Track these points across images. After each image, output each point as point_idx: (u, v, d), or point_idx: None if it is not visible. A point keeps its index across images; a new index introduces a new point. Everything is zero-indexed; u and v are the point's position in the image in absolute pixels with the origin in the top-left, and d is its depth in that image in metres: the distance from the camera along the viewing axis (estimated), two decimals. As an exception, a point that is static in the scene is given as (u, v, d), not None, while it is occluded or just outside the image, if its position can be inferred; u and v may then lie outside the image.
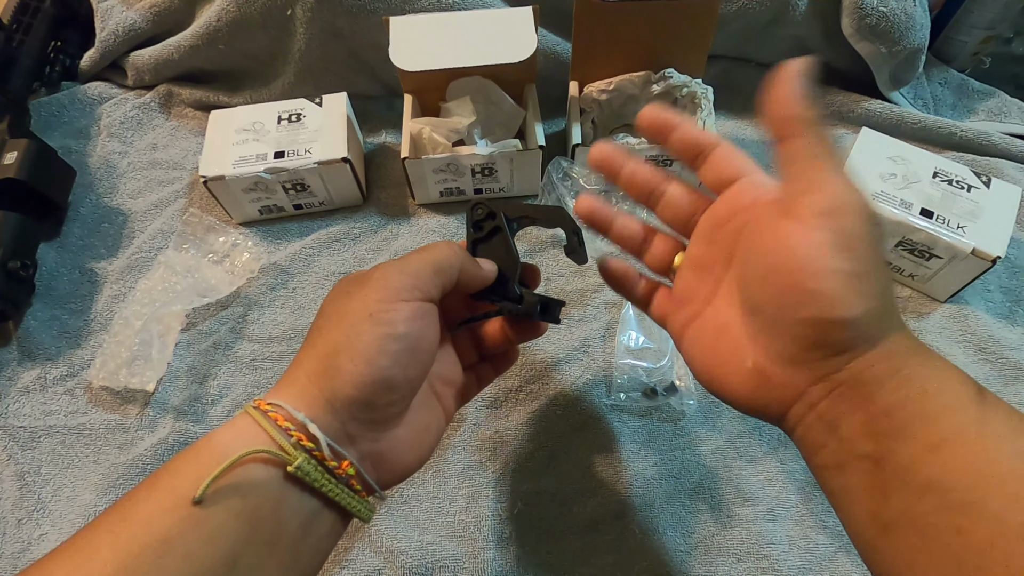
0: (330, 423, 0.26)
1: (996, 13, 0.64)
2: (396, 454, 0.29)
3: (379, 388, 0.27)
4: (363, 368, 0.26)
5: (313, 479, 0.25)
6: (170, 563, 0.22)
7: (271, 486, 0.25)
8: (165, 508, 0.23)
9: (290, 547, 0.25)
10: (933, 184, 0.51)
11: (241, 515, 0.24)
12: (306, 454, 0.25)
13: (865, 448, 0.24)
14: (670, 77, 0.57)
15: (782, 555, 0.43)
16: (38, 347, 0.52)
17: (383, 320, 0.27)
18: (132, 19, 0.67)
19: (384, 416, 0.28)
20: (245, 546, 0.24)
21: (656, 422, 0.48)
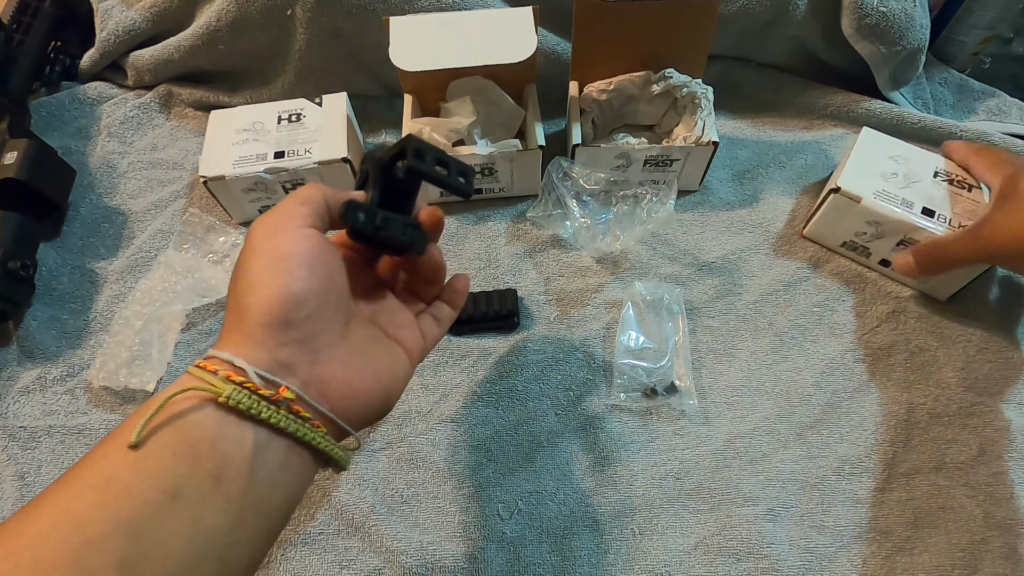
0: (257, 356, 0.27)
1: (996, 13, 0.64)
2: (344, 377, 0.30)
3: (287, 305, 0.28)
4: (264, 292, 0.28)
5: (247, 406, 0.26)
6: (110, 499, 0.23)
7: (207, 420, 0.26)
8: (107, 452, 0.24)
9: (236, 480, 0.26)
10: (934, 183, 0.51)
11: (179, 451, 0.25)
12: (236, 386, 0.26)
13: None
14: (670, 77, 0.57)
15: (782, 555, 0.43)
16: (38, 347, 0.52)
17: (266, 250, 0.29)
18: (132, 19, 0.67)
19: (308, 334, 0.28)
20: (187, 479, 0.24)
21: (656, 422, 0.48)
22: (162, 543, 0.23)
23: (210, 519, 0.25)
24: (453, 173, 0.33)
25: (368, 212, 0.32)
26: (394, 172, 0.33)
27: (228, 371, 0.26)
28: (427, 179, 0.32)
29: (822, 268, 0.55)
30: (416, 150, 0.31)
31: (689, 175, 0.58)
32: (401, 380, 0.33)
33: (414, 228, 0.34)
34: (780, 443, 0.47)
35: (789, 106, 0.67)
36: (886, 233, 0.51)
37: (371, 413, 0.31)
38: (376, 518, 0.44)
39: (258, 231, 0.29)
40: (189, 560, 0.24)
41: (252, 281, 0.28)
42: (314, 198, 0.31)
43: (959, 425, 0.47)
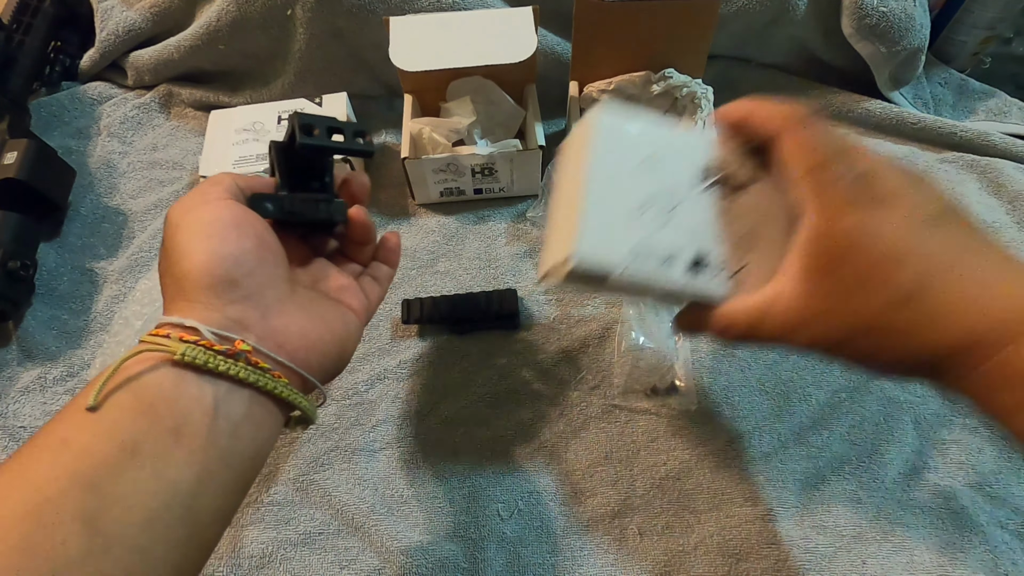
0: (209, 316, 0.27)
1: (996, 13, 0.64)
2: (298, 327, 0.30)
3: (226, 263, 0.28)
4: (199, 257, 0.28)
5: (203, 362, 0.26)
6: (67, 458, 0.23)
7: (163, 381, 0.26)
8: (64, 417, 0.25)
9: (198, 432, 0.26)
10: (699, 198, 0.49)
11: (136, 409, 0.25)
12: (190, 344, 0.26)
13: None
14: (670, 77, 0.57)
15: (782, 555, 0.43)
16: (38, 347, 0.52)
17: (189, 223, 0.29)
18: (132, 19, 0.67)
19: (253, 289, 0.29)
20: (145, 435, 0.25)
21: (656, 422, 0.48)
22: (123, 495, 0.24)
23: (172, 472, 0.25)
24: (349, 137, 0.33)
25: (275, 200, 0.33)
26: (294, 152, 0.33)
27: (180, 332, 0.27)
28: (324, 152, 0.33)
29: (822, 268, 0.55)
30: (304, 126, 0.32)
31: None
32: (353, 335, 0.34)
33: (328, 202, 0.34)
34: (780, 443, 0.47)
35: (789, 106, 0.67)
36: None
37: (329, 363, 0.32)
38: (376, 518, 0.44)
39: (176, 211, 0.30)
40: (153, 510, 0.24)
41: (184, 251, 0.28)
42: (223, 181, 0.32)
43: (959, 425, 0.47)
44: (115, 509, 0.23)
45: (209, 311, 0.28)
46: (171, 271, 0.29)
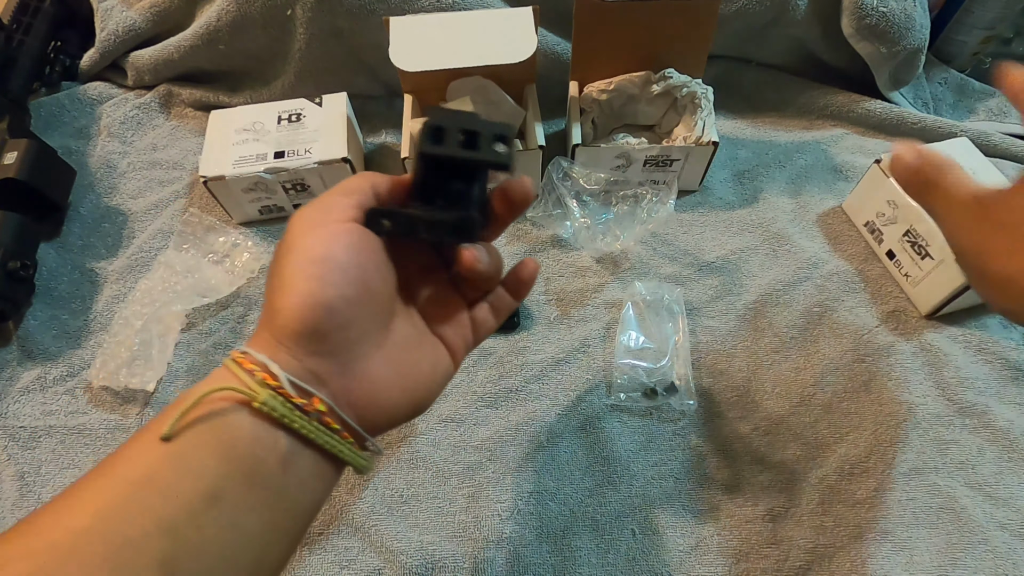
0: (289, 363, 0.26)
1: (996, 13, 0.64)
2: (375, 389, 0.29)
3: (318, 313, 0.26)
4: (294, 299, 0.26)
5: (281, 414, 0.25)
6: (151, 498, 0.23)
7: (243, 423, 0.25)
8: (146, 448, 0.24)
9: (271, 483, 0.25)
10: None
11: (217, 451, 0.24)
12: (271, 391, 0.25)
13: None
14: (670, 77, 0.57)
15: (782, 555, 0.43)
16: (38, 347, 0.52)
17: (300, 249, 0.27)
18: (132, 19, 0.67)
19: (340, 345, 0.27)
20: (225, 481, 0.24)
21: (656, 422, 0.48)
22: (200, 543, 0.23)
23: (246, 522, 0.25)
24: (485, 146, 0.28)
25: (396, 217, 0.29)
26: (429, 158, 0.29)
27: (264, 373, 0.26)
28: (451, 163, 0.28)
29: (822, 268, 0.55)
30: (432, 130, 0.28)
31: (689, 175, 0.58)
32: (438, 384, 0.32)
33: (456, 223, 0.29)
34: (780, 443, 0.47)
35: (789, 106, 0.67)
36: (899, 219, 0.51)
37: (398, 421, 0.30)
38: (376, 518, 0.44)
39: (295, 226, 0.28)
40: (226, 560, 0.24)
41: (284, 283, 0.27)
42: (360, 188, 0.29)
43: (959, 425, 0.47)
44: (191, 556, 0.23)
45: (291, 358, 0.26)
46: (270, 297, 0.27)
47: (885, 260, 0.55)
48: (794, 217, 0.59)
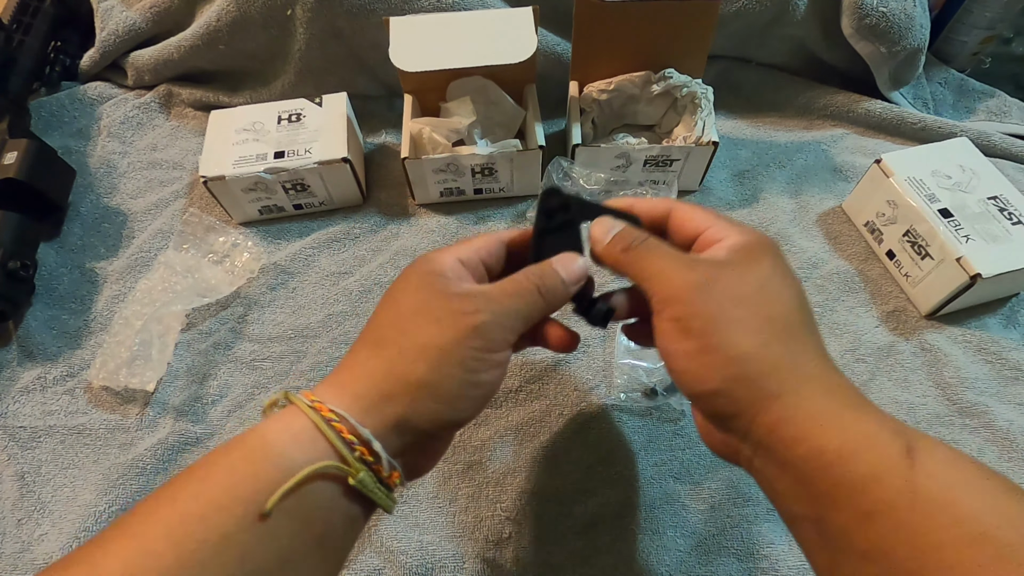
0: (393, 443, 0.27)
1: (996, 13, 0.64)
2: (431, 461, 0.31)
3: (453, 426, 0.29)
4: (445, 411, 0.28)
5: (370, 491, 0.26)
6: (228, 561, 0.23)
7: (329, 494, 0.26)
8: (223, 506, 0.23)
9: (337, 543, 0.26)
10: (981, 202, 0.50)
11: (296, 516, 0.25)
12: (367, 468, 0.26)
13: (802, 510, 0.25)
14: (670, 77, 0.57)
15: (782, 555, 0.43)
16: (38, 347, 0.52)
17: (473, 369, 0.28)
18: (132, 19, 0.67)
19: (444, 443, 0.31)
20: (298, 545, 0.25)
21: (656, 422, 0.48)
22: None
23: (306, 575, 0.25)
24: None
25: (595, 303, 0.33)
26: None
27: (363, 448, 0.26)
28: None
29: (822, 268, 0.55)
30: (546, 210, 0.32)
31: (689, 175, 0.58)
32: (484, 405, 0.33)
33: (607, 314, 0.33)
34: (780, 443, 0.47)
35: (789, 106, 0.67)
36: (899, 219, 0.51)
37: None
38: (376, 518, 0.44)
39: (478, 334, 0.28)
40: None
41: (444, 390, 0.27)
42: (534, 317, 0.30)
43: (959, 425, 0.47)
44: None
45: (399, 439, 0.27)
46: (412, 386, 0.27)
47: (885, 260, 0.55)
48: (794, 217, 0.59)
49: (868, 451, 0.23)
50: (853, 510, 0.23)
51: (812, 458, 0.24)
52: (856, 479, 0.23)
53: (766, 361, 0.26)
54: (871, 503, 0.23)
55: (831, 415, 0.24)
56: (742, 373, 0.25)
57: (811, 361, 0.26)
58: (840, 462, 0.23)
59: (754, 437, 0.26)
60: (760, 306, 0.27)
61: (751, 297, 0.27)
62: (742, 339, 0.26)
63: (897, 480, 0.22)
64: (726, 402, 0.26)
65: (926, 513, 0.22)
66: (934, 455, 0.23)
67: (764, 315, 0.27)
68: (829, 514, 0.23)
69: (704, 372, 0.26)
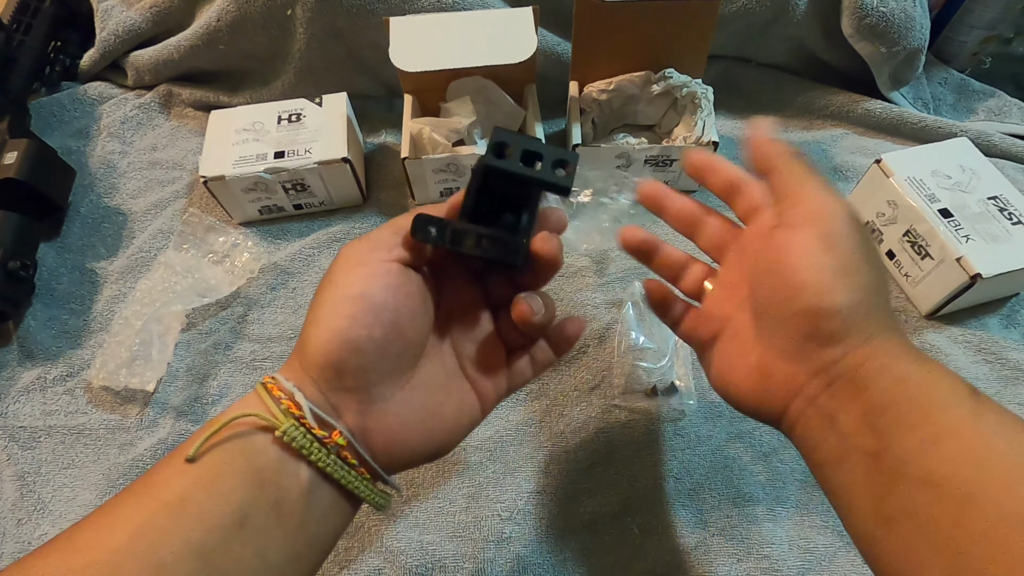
0: (314, 394, 0.27)
1: (996, 13, 0.64)
2: (394, 429, 0.29)
3: (344, 351, 0.27)
4: (324, 333, 0.27)
5: (300, 445, 0.26)
6: (184, 520, 0.23)
7: (268, 451, 0.26)
8: (177, 469, 0.25)
9: (294, 513, 0.26)
10: (981, 202, 0.50)
11: (245, 476, 0.25)
12: (294, 420, 0.26)
13: (863, 442, 0.25)
14: (670, 77, 0.57)
15: (782, 555, 0.43)
16: (38, 347, 0.52)
17: (339, 284, 0.28)
18: (132, 19, 0.67)
19: (362, 383, 0.27)
20: (252, 507, 0.25)
21: (656, 422, 0.48)
22: (228, 570, 0.24)
23: (271, 551, 0.25)
24: (546, 166, 0.28)
25: (442, 227, 0.28)
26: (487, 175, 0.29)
27: (289, 402, 0.26)
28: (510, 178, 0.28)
29: (822, 268, 0.55)
30: (496, 145, 0.28)
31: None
32: (463, 429, 0.31)
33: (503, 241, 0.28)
34: (780, 443, 0.47)
35: (789, 106, 0.67)
36: (899, 219, 0.51)
37: (417, 461, 0.30)
38: (376, 518, 0.44)
39: (341, 259, 0.29)
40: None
41: (318, 316, 0.27)
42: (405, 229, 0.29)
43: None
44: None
45: (314, 387, 0.27)
46: (304, 326, 0.28)
47: (885, 260, 0.55)
48: (794, 217, 0.58)
49: (942, 385, 0.25)
50: (919, 435, 0.24)
51: (895, 385, 0.25)
52: (929, 404, 0.24)
53: (880, 303, 0.27)
54: (937, 426, 0.24)
55: (915, 355, 0.26)
56: (866, 301, 0.27)
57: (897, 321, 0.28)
58: (918, 390, 0.25)
59: (840, 367, 0.27)
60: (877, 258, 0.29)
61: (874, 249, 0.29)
62: (872, 272, 0.27)
63: (964, 407, 0.24)
64: (841, 323, 0.26)
65: (987, 439, 0.23)
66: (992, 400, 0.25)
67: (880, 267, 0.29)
68: (894, 440, 0.24)
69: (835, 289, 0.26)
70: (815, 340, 0.27)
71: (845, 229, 0.28)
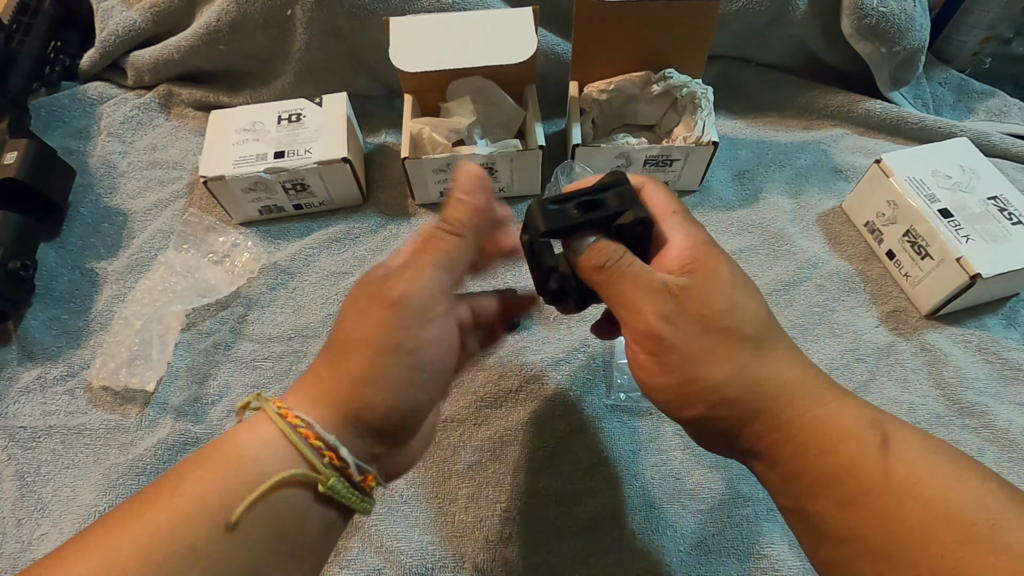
0: (358, 446, 0.27)
1: (996, 13, 0.64)
2: (408, 460, 0.31)
3: (407, 417, 0.27)
4: (392, 402, 0.26)
5: (343, 496, 0.26)
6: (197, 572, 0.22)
7: (300, 501, 0.25)
8: (191, 517, 0.23)
9: (311, 553, 0.26)
10: (981, 202, 0.50)
11: (269, 526, 0.24)
12: (337, 474, 0.25)
13: (787, 503, 0.27)
14: (670, 77, 0.57)
15: (782, 555, 0.43)
16: (38, 347, 0.52)
17: (408, 350, 0.26)
18: (132, 19, 0.67)
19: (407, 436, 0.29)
20: (270, 556, 0.24)
21: (656, 422, 0.48)
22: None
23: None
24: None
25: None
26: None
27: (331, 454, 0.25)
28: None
29: (822, 268, 0.55)
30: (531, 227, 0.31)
31: (689, 175, 0.58)
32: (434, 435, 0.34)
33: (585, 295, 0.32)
34: (780, 443, 0.47)
35: (789, 106, 0.67)
36: (899, 219, 0.51)
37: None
38: (376, 518, 0.44)
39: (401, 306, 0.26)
40: None
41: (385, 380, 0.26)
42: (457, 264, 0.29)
43: (959, 425, 0.47)
44: None
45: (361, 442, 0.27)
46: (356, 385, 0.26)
47: (885, 260, 0.55)
48: (794, 217, 0.59)
49: (847, 444, 0.25)
50: (832, 499, 0.25)
51: (797, 455, 0.26)
52: (835, 471, 0.25)
53: (745, 382, 0.26)
54: (848, 492, 0.24)
55: (811, 416, 0.26)
56: (724, 398, 0.26)
57: (786, 367, 0.27)
58: (822, 456, 0.25)
59: (742, 446, 0.27)
60: (730, 328, 0.27)
61: (721, 319, 0.27)
62: (720, 367, 0.26)
63: (872, 470, 0.24)
64: (712, 424, 0.27)
65: (898, 499, 0.23)
66: (908, 443, 0.25)
67: (737, 336, 0.27)
68: (810, 505, 0.25)
69: (686, 402, 0.27)
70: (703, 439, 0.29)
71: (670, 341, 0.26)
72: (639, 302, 0.28)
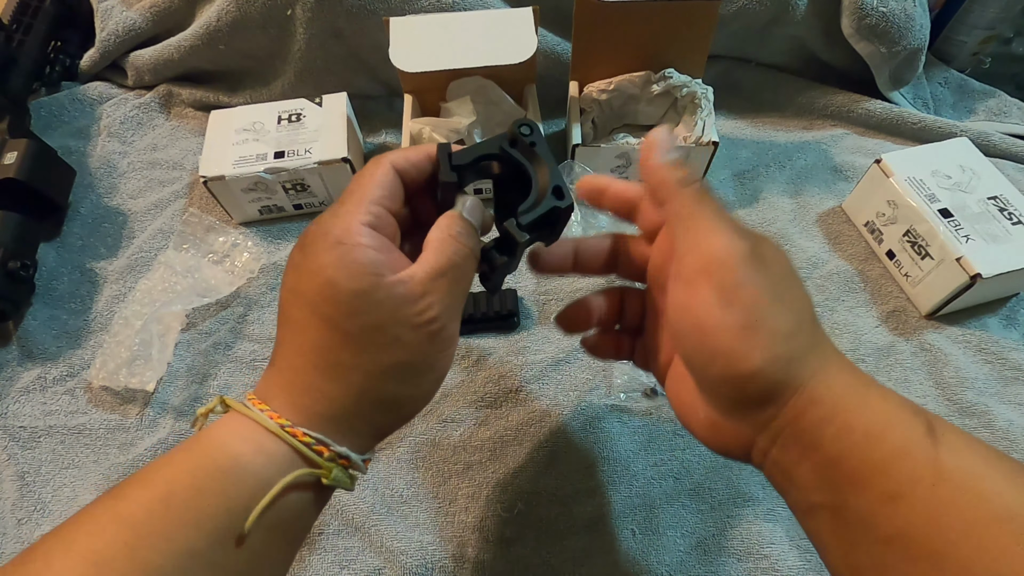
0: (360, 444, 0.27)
1: (996, 13, 0.64)
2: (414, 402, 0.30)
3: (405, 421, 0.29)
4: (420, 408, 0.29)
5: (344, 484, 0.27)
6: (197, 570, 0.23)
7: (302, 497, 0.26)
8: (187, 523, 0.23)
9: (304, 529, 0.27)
10: (981, 202, 0.50)
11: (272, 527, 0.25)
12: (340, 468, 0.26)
13: (821, 498, 0.24)
14: (670, 77, 0.57)
15: (782, 555, 0.42)
16: (38, 347, 0.52)
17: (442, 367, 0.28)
18: (132, 19, 0.67)
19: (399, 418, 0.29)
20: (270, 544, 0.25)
21: (656, 422, 0.48)
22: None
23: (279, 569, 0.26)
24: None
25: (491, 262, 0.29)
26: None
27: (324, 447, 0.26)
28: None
29: (822, 268, 0.55)
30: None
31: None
32: None
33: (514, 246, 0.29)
34: (780, 443, 0.47)
35: (789, 106, 0.67)
36: (899, 219, 0.51)
37: None
38: (376, 518, 0.44)
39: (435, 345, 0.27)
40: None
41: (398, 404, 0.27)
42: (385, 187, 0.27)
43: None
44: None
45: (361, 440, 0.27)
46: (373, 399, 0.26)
47: (885, 260, 0.55)
48: (794, 217, 0.59)
49: (893, 429, 0.23)
50: (878, 491, 0.22)
51: (841, 437, 0.23)
52: (882, 457, 0.22)
53: (803, 343, 0.24)
54: (896, 483, 0.22)
55: (858, 396, 0.24)
56: (785, 353, 0.24)
57: (832, 346, 0.26)
58: (867, 441, 0.23)
59: (779, 423, 0.24)
60: (795, 288, 0.26)
61: (789, 278, 0.25)
62: (787, 318, 0.24)
63: (920, 459, 0.22)
64: (763, 384, 0.24)
65: (950, 493, 0.21)
66: (955, 434, 0.23)
67: (799, 297, 0.25)
68: (851, 499, 0.23)
69: (746, 350, 0.24)
70: (744, 404, 0.25)
71: (745, 275, 0.24)
72: (719, 230, 0.25)
